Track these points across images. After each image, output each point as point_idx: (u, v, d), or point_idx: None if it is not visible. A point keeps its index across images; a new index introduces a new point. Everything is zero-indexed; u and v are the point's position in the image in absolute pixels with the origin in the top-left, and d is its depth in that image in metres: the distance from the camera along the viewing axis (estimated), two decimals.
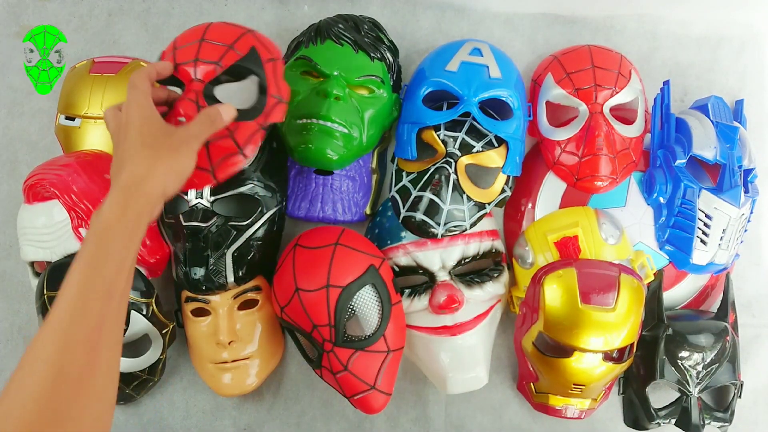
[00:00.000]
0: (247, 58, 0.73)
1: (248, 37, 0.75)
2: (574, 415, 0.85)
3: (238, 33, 0.75)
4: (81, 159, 0.84)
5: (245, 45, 0.74)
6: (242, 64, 0.73)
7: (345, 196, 0.89)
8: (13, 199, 0.94)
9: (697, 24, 0.98)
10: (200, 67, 0.71)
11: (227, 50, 0.72)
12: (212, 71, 0.72)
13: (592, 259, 0.82)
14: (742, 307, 0.92)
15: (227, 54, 0.72)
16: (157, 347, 0.84)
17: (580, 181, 0.86)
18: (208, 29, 0.75)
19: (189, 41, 0.73)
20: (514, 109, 0.85)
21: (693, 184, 0.84)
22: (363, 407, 0.81)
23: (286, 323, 0.83)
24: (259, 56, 0.74)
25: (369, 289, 0.80)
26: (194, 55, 0.72)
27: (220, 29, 0.75)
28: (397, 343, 0.82)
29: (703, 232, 0.84)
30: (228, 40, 0.73)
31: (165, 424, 0.94)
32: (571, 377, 0.80)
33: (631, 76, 0.88)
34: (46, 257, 0.81)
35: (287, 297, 0.80)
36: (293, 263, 0.80)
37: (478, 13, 0.97)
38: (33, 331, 0.92)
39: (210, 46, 0.72)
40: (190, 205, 0.82)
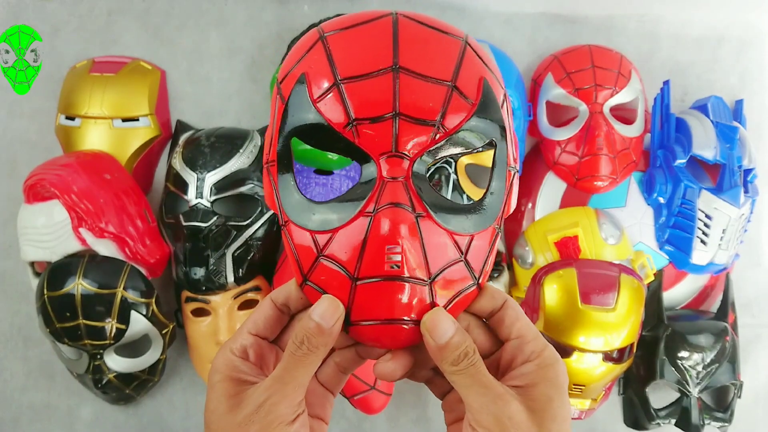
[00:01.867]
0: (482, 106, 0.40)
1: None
2: (574, 416, 0.85)
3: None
4: (81, 159, 0.84)
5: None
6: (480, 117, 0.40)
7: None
8: (13, 199, 0.94)
9: (697, 24, 0.98)
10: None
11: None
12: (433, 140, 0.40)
13: (592, 259, 0.82)
14: (742, 307, 0.92)
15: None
16: (157, 347, 0.84)
17: (580, 181, 0.86)
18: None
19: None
20: (514, 109, 0.85)
21: (693, 184, 0.84)
22: (363, 407, 0.81)
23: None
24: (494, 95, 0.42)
25: None
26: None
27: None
28: None
29: (703, 232, 0.84)
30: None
31: (165, 424, 0.94)
32: (571, 377, 0.80)
33: (631, 76, 0.88)
34: (46, 257, 0.81)
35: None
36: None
37: (478, 13, 0.97)
38: (33, 331, 0.92)
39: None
40: (190, 205, 0.82)
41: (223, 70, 0.96)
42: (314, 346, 0.39)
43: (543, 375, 0.38)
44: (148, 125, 0.90)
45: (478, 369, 0.39)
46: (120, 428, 0.94)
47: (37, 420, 0.94)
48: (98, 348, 0.79)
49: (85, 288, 0.77)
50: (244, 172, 0.82)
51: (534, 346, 0.40)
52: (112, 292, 0.78)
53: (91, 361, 0.81)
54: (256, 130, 0.88)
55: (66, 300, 0.77)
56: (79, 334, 0.78)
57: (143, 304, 0.80)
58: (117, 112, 0.89)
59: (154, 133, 0.91)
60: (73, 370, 0.84)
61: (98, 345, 0.79)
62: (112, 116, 0.88)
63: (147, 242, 0.84)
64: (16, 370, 0.95)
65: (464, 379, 0.38)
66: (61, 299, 0.77)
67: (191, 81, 0.96)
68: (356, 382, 0.79)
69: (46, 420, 0.94)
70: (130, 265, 0.81)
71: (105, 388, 0.83)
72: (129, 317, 0.79)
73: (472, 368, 0.38)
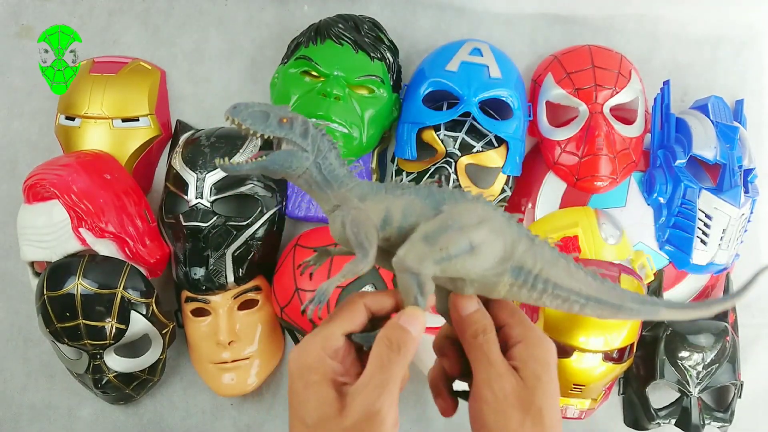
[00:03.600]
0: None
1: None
2: (574, 415, 0.85)
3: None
4: (81, 159, 0.84)
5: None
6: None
7: None
8: (13, 199, 0.94)
9: (697, 24, 0.98)
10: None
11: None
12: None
13: (592, 259, 0.82)
14: (742, 307, 0.92)
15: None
16: (157, 347, 0.84)
17: (580, 181, 0.85)
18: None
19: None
20: (514, 109, 0.85)
21: (693, 184, 0.84)
22: None
23: (286, 323, 0.83)
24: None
25: (369, 289, 0.80)
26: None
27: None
28: None
29: (703, 232, 0.84)
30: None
31: (165, 424, 0.94)
32: (571, 377, 0.80)
33: (631, 76, 0.88)
34: (46, 257, 0.81)
35: (287, 297, 0.80)
36: (293, 263, 0.80)
37: (478, 13, 0.97)
38: (33, 331, 0.92)
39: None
40: (190, 205, 0.82)
41: (223, 70, 0.96)
42: (407, 349, 0.43)
43: (530, 354, 0.43)
44: (148, 125, 0.90)
45: (491, 347, 0.43)
46: (120, 428, 0.94)
47: (37, 420, 0.94)
48: (98, 348, 0.79)
49: (84, 288, 0.77)
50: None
51: (521, 329, 0.44)
52: (112, 292, 0.78)
53: (91, 361, 0.81)
54: None
55: (66, 300, 0.77)
56: (79, 334, 0.78)
57: (143, 304, 0.80)
58: (117, 112, 0.89)
59: (154, 133, 0.91)
60: (73, 370, 0.84)
61: (98, 345, 0.79)
62: (112, 116, 0.88)
63: (147, 242, 0.84)
64: (16, 370, 0.95)
65: (477, 352, 0.43)
66: (60, 299, 0.77)
67: (191, 81, 0.96)
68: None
69: (46, 420, 0.94)
70: (130, 265, 0.81)
71: (105, 388, 0.83)
72: (129, 317, 0.79)
73: (486, 344, 0.43)
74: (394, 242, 0.45)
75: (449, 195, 0.45)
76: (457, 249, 0.42)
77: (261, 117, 0.43)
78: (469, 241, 0.43)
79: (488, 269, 0.43)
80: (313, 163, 0.45)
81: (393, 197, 0.45)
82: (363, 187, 0.46)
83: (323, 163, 0.45)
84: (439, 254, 0.42)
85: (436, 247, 0.42)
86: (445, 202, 0.44)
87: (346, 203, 0.45)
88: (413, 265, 0.42)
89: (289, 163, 0.44)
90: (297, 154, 0.44)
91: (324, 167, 0.45)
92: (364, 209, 0.45)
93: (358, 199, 0.45)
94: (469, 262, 0.43)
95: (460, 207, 0.44)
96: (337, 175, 0.45)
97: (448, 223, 0.43)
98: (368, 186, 0.46)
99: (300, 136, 0.44)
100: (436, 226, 0.43)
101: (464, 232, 0.43)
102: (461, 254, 0.43)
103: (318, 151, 0.45)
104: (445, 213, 0.44)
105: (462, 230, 0.43)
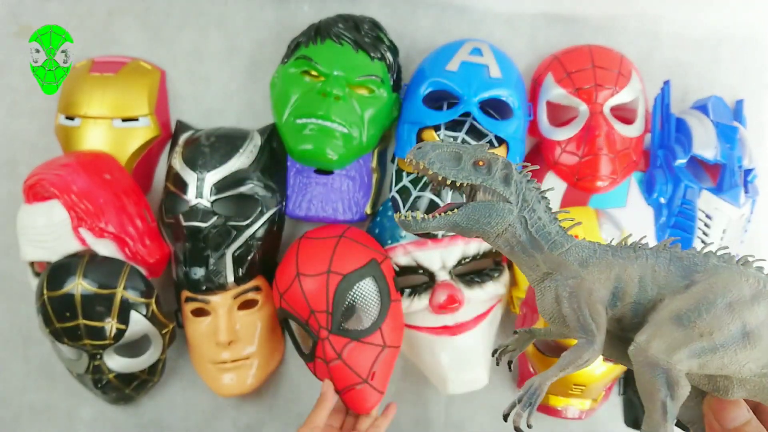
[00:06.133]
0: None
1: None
2: (575, 416, 0.85)
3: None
4: (81, 159, 0.84)
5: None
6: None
7: (345, 196, 0.89)
8: (13, 199, 0.94)
9: (697, 24, 0.98)
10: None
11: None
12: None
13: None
14: None
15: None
16: (157, 347, 0.84)
17: (580, 181, 0.85)
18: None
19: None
20: (514, 109, 0.85)
21: (693, 184, 0.84)
22: (355, 403, 0.80)
23: (284, 312, 0.83)
24: None
25: (369, 281, 0.80)
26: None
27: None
28: (394, 340, 0.82)
29: (704, 232, 0.84)
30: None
31: (165, 425, 0.94)
32: (572, 377, 0.80)
33: (632, 76, 0.88)
34: (46, 257, 0.81)
35: (288, 282, 0.80)
36: (297, 252, 0.81)
37: (478, 13, 0.97)
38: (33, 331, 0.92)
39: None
40: (190, 205, 0.82)
41: (223, 70, 0.96)
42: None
43: None
44: (148, 125, 0.90)
45: None
46: (120, 428, 0.94)
47: (37, 420, 0.94)
48: (98, 348, 0.79)
49: (84, 288, 0.77)
50: (244, 172, 0.82)
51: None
52: (112, 292, 0.78)
53: (90, 361, 0.81)
54: (256, 130, 0.88)
55: (66, 300, 0.77)
56: (78, 334, 0.78)
57: (143, 304, 0.80)
58: (117, 112, 0.89)
59: (153, 133, 0.91)
60: (73, 370, 0.84)
61: (98, 345, 0.79)
62: (112, 116, 0.88)
63: (147, 242, 0.84)
64: (16, 370, 0.95)
65: None
66: (60, 299, 0.77)
67: (191, 81, 0.96)
68: (349, 373, 0.79)
69: (46, 420, 0.94)
70: (130, 265, 0.81)
71: (105, 389, 0.83)
72: (129, 317, 0.79)
73: None
74: (628, 324, 0.36)
75: (702, 260, 0.35)
76: (724, 336, 0.32)
77: (452, 160, 0.36)
78: (742, 324, 0.33)
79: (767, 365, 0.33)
80: (518, 217, 0.36)
81: (624, 262, 0.36)
82: (583, 249, 0.37)
83: (530, 218, 0.36)
84: (699, 343, 0.32)
85: (695, 333, 0.33)
86: (698, 270, 0.34)
87: (560, 270, 0.36)
88: (661, 357, 0.33)
89: (488, 219, 0.36)
90: (497, 206, 0.36)
91: (531, 222, 0.37)
92: (586, 279, 0.36)
93: (578, 264, 0.36)
94: (742, 354, 0.33)
95: (723, 276, 0.34)
96: (548, 232, 0.37)
97: (708, 298, 0.33)
98: (589, 247, 0.37)
99: (501, 182, 0.36)
100: (691, 303, 0.33)
101: (734, 312, 0.33)
102: (731, 343, 0.33)
103: (524, 201, 0.36)
104: (702, 284, 0.34)
105: (731, 309, 0.33)
